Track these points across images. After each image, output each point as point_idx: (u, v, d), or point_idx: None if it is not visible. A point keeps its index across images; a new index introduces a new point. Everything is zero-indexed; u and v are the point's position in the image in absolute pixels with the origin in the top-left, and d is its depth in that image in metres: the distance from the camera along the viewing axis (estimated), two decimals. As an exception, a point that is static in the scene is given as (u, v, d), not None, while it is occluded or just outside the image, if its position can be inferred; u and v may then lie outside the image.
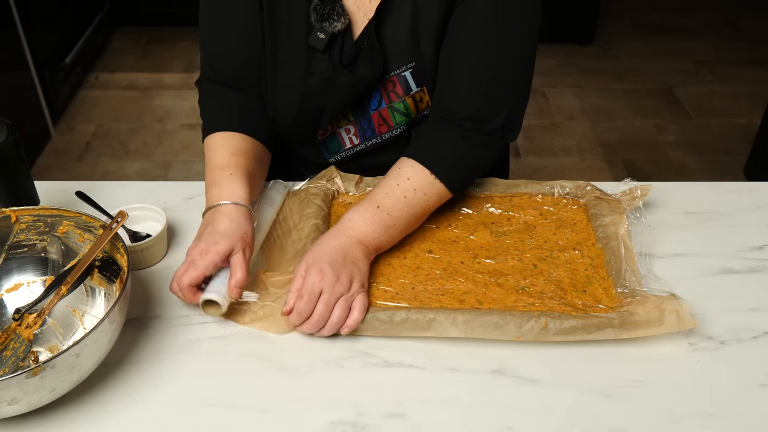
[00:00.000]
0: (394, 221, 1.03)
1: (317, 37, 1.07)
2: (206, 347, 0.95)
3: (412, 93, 1.12)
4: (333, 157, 1.21)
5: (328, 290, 0.93)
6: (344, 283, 0.94)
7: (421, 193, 1.05)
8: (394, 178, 1.06)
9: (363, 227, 1.01)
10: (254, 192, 1.07)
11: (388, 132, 1.16)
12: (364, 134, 1.17)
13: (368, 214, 1.02)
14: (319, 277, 0.93)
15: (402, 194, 1.04)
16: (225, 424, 0.85)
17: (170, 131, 3.00)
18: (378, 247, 1.02)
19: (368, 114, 1.15)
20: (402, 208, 1.03)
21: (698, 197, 1.22)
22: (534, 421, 0.85)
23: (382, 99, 1.13)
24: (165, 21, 3.75)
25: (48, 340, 0.95)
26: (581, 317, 0.92)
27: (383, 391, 0.89)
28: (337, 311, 0.93)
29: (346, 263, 0.96)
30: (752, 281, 1.05)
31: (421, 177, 1.05)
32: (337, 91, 1.10)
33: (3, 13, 2.59)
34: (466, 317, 0.92)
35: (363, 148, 1.19)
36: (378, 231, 1.01)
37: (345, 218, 1.02)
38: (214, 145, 1.10)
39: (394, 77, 1.11)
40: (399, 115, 1.14)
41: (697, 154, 2.88)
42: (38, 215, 0.99)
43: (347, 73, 1.08)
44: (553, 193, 1.18)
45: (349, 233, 1.00)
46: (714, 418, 0.86)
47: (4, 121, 1.04)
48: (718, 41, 3.72)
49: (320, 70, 1.09)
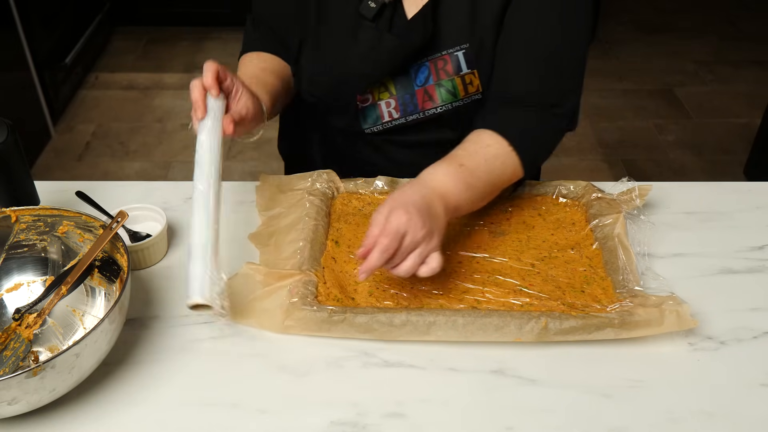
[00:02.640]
0: (475, 182, 1.01)
1: (368, 5, 1.10)
2: (206, 347, 0.95)
3: (462, 74, 1.13)
4: (370, 128, 1.21)
5: (411, 233, 0.89)
6: (427, 233, 0.90)
7: (500, 161, 1.05)
8: (474, 143, 1.06)
9: (446, 182, 0.99)
10: (272, 109, 1.15)
11: (432, 109, 1.16)
12: (405, 109, 1.17)
13: (451, 170, 1.00)
14: (406, 218, 0.89)
15: (483, 158, 1.04)
16: (225, 424, 0.85)
17: (170, 131, 3.00)
18: (457, 207, 1.00)
19: (413, 89, 1.16)
20: (484, 170, 1.03)
21: (698, 197, 1.22)
22: (534, 421, 0.85)
23: (430, 75, 1.14)
24: (165, 21, 3.74)
25: (48, 340, 0.95)
26: (581, 317, 0.92)
27: (383, 391, 0.89)
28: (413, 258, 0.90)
29: (430, 214, 0.93)
30: (752, 281, 1.05)
31: (501, 146, 1.06)
32: (381, 58, 1.12)
33: (3, 13, 2.59)
34: (466, 320, 0.92)
35: (402, 123, 1.19)
36: (460, 188, 0.99)
37: (426, 172, 1.00)
38: (246, 60, 1.24)
39: (446, 55, 1.12)
40: (446, 93, 1.15)
41: (697, 154, 2.88)
42: (38, 215, 0.99)
43: (393, 38, 1.10)
44: (553, 193, 1.18)
45: (432, 186, 0.97)
46: (714, 418, 0.86)
47: (4, 121, 1.04)
48: (718, 41, 3.72)
49: (366, 37, 1.12)
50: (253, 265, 1.02)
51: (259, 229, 1.12)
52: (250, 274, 1.00)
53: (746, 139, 2.86)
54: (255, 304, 0.97)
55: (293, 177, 1.19)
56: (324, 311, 0.93)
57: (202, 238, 0.89)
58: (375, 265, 0.89)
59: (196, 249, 0.89)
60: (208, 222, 0.91)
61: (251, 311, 0.97)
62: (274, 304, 0.96)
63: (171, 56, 3.55)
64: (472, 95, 1.15)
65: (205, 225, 0.90)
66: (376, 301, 0.98)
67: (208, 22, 3.74)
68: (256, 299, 0.97)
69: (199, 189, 0.93)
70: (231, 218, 1.17)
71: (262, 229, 1.12)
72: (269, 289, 0.98)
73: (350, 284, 1.01)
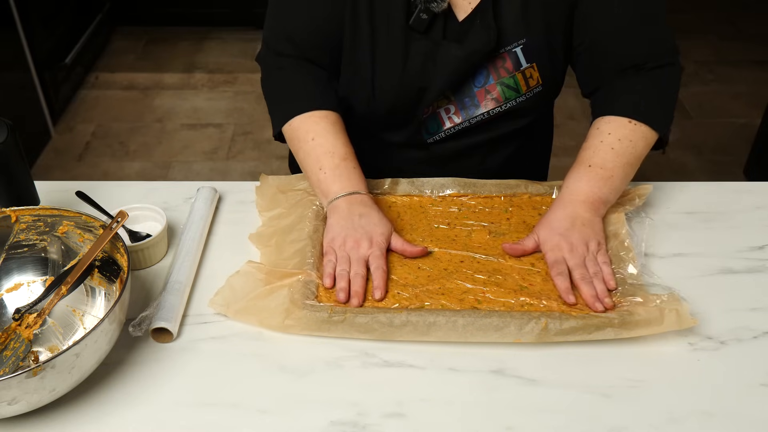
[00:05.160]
0: (609, 173, 1.07)
1: (420, 18, 1.08)
2: (206, 347, 0.95)
3: (522, 69, 1.14)
4: (432, 137, 1.22)
5: (572, 259, 0.99)
6: (580, 248, 1.00)
7: (626, 141, 1.08)
8: (595, 137, 1.10)
9: (581, 187, 1.06)
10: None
11: (497, 107, 1.17)
12: (466, 112, 1.18)
13: (581, 174, 1.07)
14: (558, 250, 1.00)
15: (608, 148, 1.08)
16: (225, 424, 0.85)
17: (170, 131, 3.00)
18: (604, 201, 1.07)
19: (472, 91, 1.16)
20: (613, 159, 1.07)
21: (698, 197, 1.22)
22: (534, 421, 0.85)
23: (489, 75, 1.15)
24: (165, 21, 3.74)
25: (48, 340, 0.95)
26: (581, 317, 0.92)
27: (383, 391, 0.89)
28: (591, 268, 0.99)
29: (575, 228, 1.02)
30: (752, 281, 1.05)
31: (621, 127, 1.09)
32: (445, 67, 1.12)
33: (3, 13, 2.59)
34: (466, 320, 0.92)
35: (466, 126, 1.20)
36: (597, 185, 1.06)
37: (563, 188, 1.09)
38: (320, 129, 1.11)
39: (504, 53, 1.13)
40: (509, 90, 1.16)
41: (697, 154, 2.88)
42: (38, 215, 0.99)
43: (458, 47, 1.10)
44: (553, 193, 1.18)
45: (571, 198, 1.06)
46: (714, 418, 0.86)
47: (4, 121, 1.04)
48: (718, 41, 3.72)
49: (419, 51, 1.11)
50: (255, 264, 1.02)
51: (259, 230, 1.12)
52: (252, 272, 1.01)
53: (746, 139, 2.86)
54: (256, 302, 0.97)
55: (293, 177, 1.19)
56: (324, 311, 0.93)
57: (181, 277, 1.02)
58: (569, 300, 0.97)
59: (174, 285, 1.00)
60: (191, 267, 1.04)
61: (252, 309, 0.97)
62: (274, 303, 0.96)
63: (171, 56, 3.55)
64: (533, 89, 1.16)
65: (188, 268, 1.04)
66: (376, 301, 0.98)
67: (208, 22, 3.75)
68: (257, 297, 0.97)
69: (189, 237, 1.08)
70: (231, 218, 1.18)
71: (262, 229, 1.12)
72: (270, 287, 0.98)
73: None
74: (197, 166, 2.80)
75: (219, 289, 0.99)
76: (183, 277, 1.02)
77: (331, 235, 1.04)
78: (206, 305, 0.99)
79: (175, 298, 0.98)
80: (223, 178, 2.72)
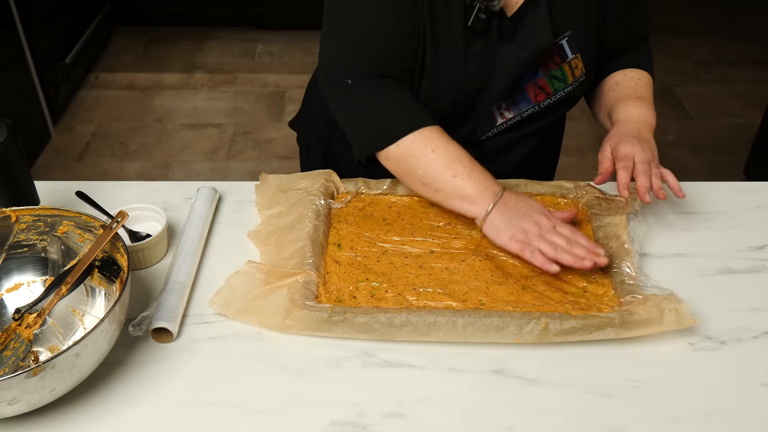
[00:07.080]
0: (651, 104, 1.22)
1: (479, 18, 1.09)
2: (206, 347, 0.95)
3: (568, 60, 1.17)
4: (485, 134, 1.23)
5: (641, 155, 1.09)
6: (648, 152, 1.11)
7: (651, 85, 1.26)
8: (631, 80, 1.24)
9: (641, 113, 1.18)
10: None
11: (547, 99, 1.20)
12: (517, 106, 1.20)
13: (634, 104, 1.20)
14: (630, 145, 1.10)
15: (645, 85, 1.24)
16: (225, 424, 0.85)
17: (170, 131, 3.00)
18: (653, 126, 1.19)
19: (522, 86, 1.18)
20: (651, 95, 1.24)
21: (698, 197, 1.22)
22: (534, 421, 0.85)
23: (538, 69, 1.17)
24: (165, 21, 3.75)
25: (48, 340, 0.95)
26: (581, 317, 0.92)
27: (383, 391, 0.89)
28: (654, 169, 1.09)
29: (643, 139, 1.13)
30: (752, 281, 1.05)
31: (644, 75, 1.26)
32: (506, 67, 1.13)
33: (3, 13, 2.59)
34: (466, 320, 0.92)
35: (518, 120, 1.22)
36: (647, 113, 1.19)
37: (618, 118, 1.19)
38: (437, 141, 1.11)
39: (552, 47, 1.15)
40: (557, 82, 1.19)
41: (697, 154, 2.88)
42: (38, 215, 0.99)
43: (518, 46, 1.12)
44: (553, 193, 1.18)
45: (632, 121, 1.17)
46: (714, 418, 0.86)
47: (4, 121, 1.04)
48: (718, 41, 3.72)
49: (478, 51, 1.12)
50: (255, 264, 1.02)
51: (258, 228, 1.12)
52: (251, 272, 1.01)
53: (746, 139, 2.86)
54: (256, 302, 0.97)
55: (293, 176, 1.19)
56: (324, 311, 0.93)
57: (181, 277, 1.02)
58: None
59: (174, 285, 1.00)
60: (191, 267, 1.05)
61: (252, 309, 0.97)
62: (274, 303, 0.96)
63: (171, 56, 3.55)
64: (578, 78, 1.19)
65: (188, 268, 1.04)
66: (377, 302, 0.98)
67: (208, 22, 3.75)
68: (256, 297, 0.97)
69: (189, 237, 1.09)
70: (231, 218, 1.18)
71: (261, 227, 1.12)
72: (270, 287, 0.98)
73: (352, 284, 1.01)
74: (197, 166, 2.80)
75: (219, 289, 0.99)
76: (183, 277, 1.02)
77: (511, 232, 1.05)
78: (206, 305, 0.99)
79: (175, 298, 0.98)
80: (223, 178, 2.72)
